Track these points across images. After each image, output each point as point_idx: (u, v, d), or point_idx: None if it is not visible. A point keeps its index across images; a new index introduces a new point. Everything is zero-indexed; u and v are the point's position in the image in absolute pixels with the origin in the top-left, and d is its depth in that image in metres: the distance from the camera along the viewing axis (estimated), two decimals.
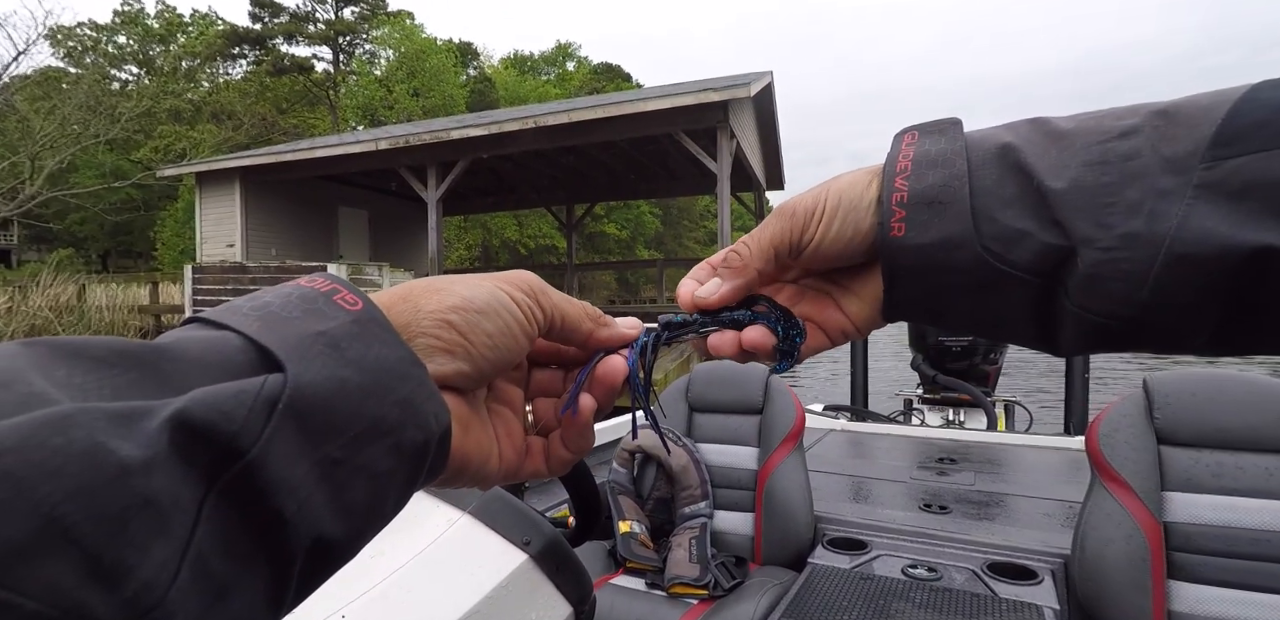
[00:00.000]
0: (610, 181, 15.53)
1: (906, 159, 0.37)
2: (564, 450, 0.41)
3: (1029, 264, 0.34)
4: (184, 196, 22.11)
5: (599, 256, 31.80)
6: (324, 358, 0.27)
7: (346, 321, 0.29)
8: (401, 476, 0.29)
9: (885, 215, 0.36)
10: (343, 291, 0.31)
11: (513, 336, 0.36)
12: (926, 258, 0.36)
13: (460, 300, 0.34)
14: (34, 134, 20.19)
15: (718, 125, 9.31)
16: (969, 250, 0.34)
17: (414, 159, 11.21)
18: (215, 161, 13.21)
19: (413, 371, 0.30)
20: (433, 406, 0.30)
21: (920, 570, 1.84)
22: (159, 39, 31.30)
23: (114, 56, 30.34)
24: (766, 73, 11.14)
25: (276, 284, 0.33)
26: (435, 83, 27.82)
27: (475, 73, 35.78)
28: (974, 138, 0.37)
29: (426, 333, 0.33)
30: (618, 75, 39.79)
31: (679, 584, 1.90)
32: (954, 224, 0.35)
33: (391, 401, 0.28)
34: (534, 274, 0.39)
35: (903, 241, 0.36)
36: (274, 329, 0.27)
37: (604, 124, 9.79)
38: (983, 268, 0.35)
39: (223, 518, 0.23)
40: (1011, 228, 0.34)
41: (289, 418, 0.24)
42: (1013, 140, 0.35)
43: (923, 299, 0.38)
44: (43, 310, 11.37)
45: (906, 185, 0.36)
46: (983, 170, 0.35)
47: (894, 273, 0.37)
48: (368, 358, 0.28)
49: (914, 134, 0.39)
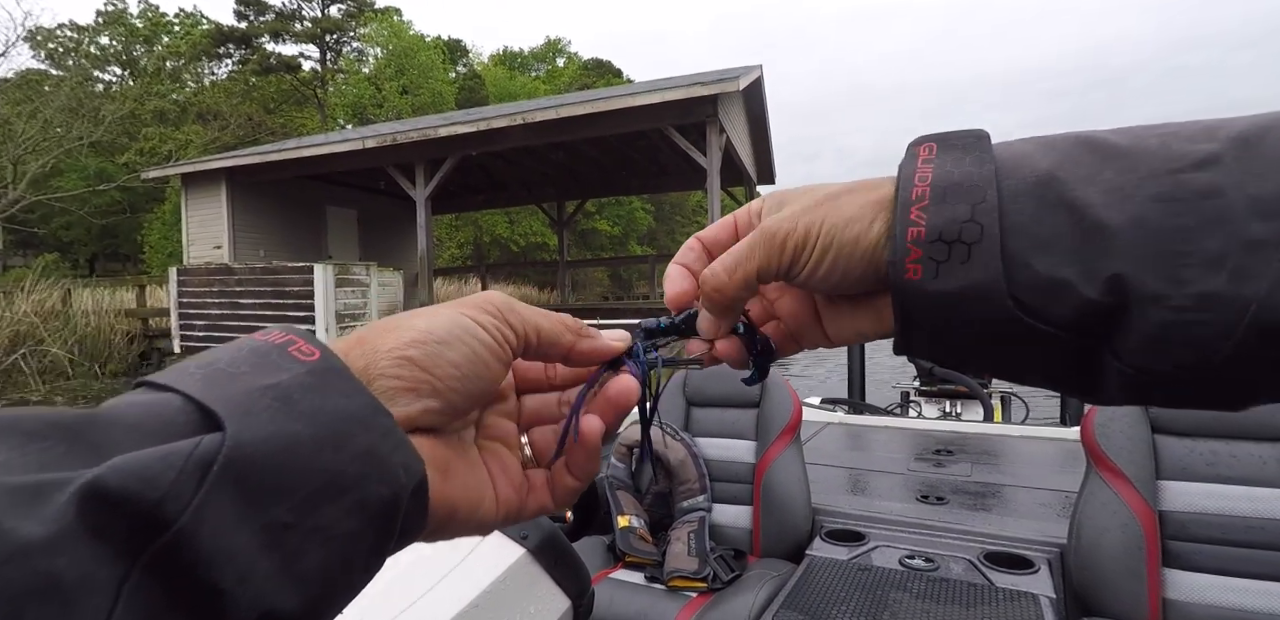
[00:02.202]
0: (601, 177, 15.50)
1: (924, 184, 0.31)
2: (570, 478, 0.38)
3: (1069, 322, 0.29)
4: (171, 198, 22.00)
5: (591, 253, 31.76)
6: (271, 412, 0.25)
7: (300, 373, 0.27)
8: (369, 538, 0.26)
9: (898, 253, 0.31)
10: (299, 342, 0.29)
11: (483, 363, 0.33)
12: (946, 307, 0.31)
13: (418, 333, 0.31)
14: (16, 137, 20.00)
15: (707, 120, 9.30)
16: (996, 302, 0.29)
17: (402, 157, 11.15)
18: (200, 162, 13.12)
19: (376, 420, 0.27)
20: (401, 456, 0.28)
21: (918, 561, 1.85)
22: (143, 39, 31.04)
23: (96, 58, 30.07)
24: (756, 67, 11.12)
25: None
26: (424, 80, 27.71)
27: (465, 70, 35.67)
28: (1006, 159, 0.31)
29: (385, 374, 0.30)
30: (608, 71, 39.68)
31: (678, 577, 1.90)
32: (980, 270, 0.29)
33: (351, 454, 0.26)
34: (501, 293, 0.36)
35: (920, 286, 0.31)
36: (218, 386, 0.25)
37: (593, 120, 9.77)
38: (1012, 323, 0.30)
39: (149, 597, 0.20)
40: (1049, 277, 0.28)
41: (227, 480, 0.22)
42: (1054, 167, 0.30)
43: (940, 347, 0.33)
44: (28, 316, 11.26)
45: (925, 219, 0.31)
46: (1016, 203, 0.30)
47: (908, 318, 0.32)
48: (323, 409, 0.26)
49: (931, 147, 0.33)
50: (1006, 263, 0.29)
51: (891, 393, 5.49)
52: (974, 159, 0.31)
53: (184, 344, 10.34)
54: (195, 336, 10.23)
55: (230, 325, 9.85)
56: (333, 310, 8.99)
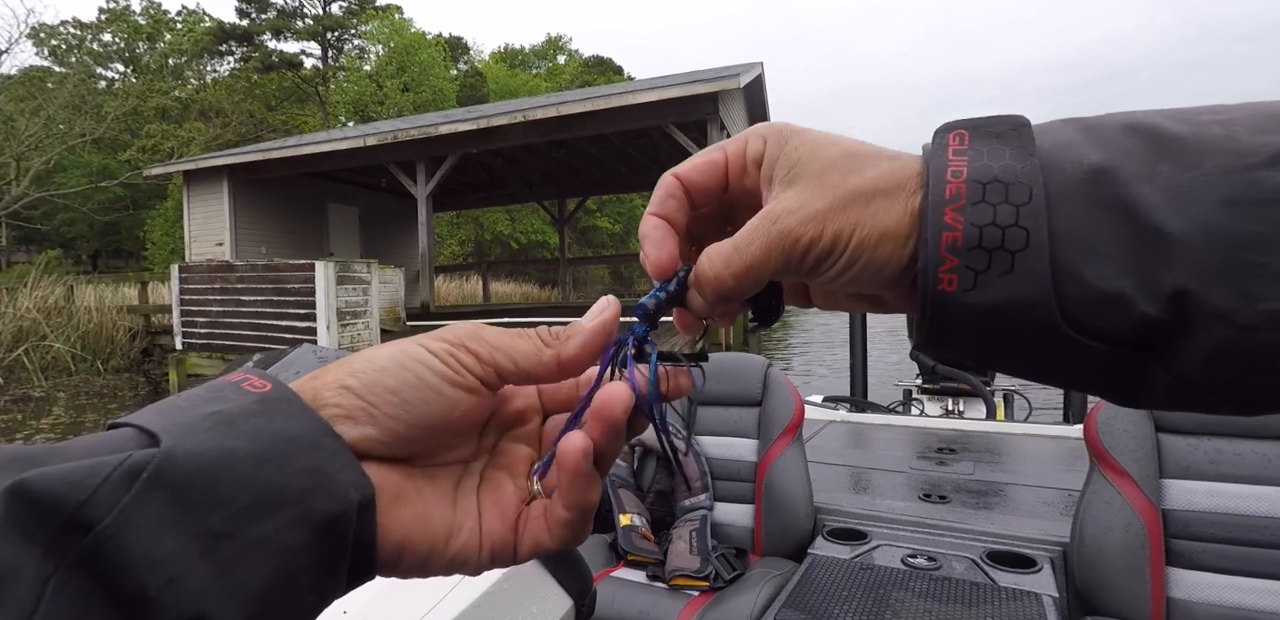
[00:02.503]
0: (601, 175, 15.50)
1: (958, 180, 0.28)
2: (560, 509, 0.33)
3: (1121, 337, 0.26)
4: (173, 195, 22.02)
5: (592, 251, 31.78)
6: (211, 431, 0.25)
7: (248, 401, 0.27)
8: (316, 554, 0.26)
9: (930, 261, 0.28)
10: (252, 378, 0.29)
11: (428, 388, 0.31)
12: (983, 321, 0.28)
13: (361, 363, 0.31)
14: (19, 134, 20.03)
15: (708, 117, 9.28)
16: (1042, 317, 0.26)
17: (402, 155, 11.15)
18: (202, 160, 13.12)
19: (323, 441, 0.27)
20: (349, 475, 0.27)
21: (920, 560, 1.84)
22: (146, 36, 31.02)
23: (99, 55, 30.07)
24: (757, 64, 11.12)
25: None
26: (425, 77, 27.74)
27: (466, 67, 35.65)
28: (1048, 150, 0.27)
29: (328, 403, 0.30)
30: (609, 68, 39.66)
31: (680, 576, 1.90)
32: (1025, 282, 0.26)
33: (296, 469, 0.26)
34: (472, 323, 0.34)
35: (955, 298, 0.28)
36: (166, 416, 0.26)
37: (593, 117, 9.76)
38: (1057, 336, 0.27)
39: (75, 593, 0.21)
40: (1102, 290, 0.25)
41: (156, 487, 0.23)
42: (1105, 159, 0.26)
43: (973, 355, 0.31)
44: (30, 312, 11.28)
45: (962, 223, 0.27)
46: (1065, 205, 0.26)
47: (938, 329, 0.29)
48: (267, 430, 0.26)
49: (963, 135, 0.29)
50: (1056, 274, 0.26)
51: (894, 390, 5.49)
52: (1015, 151, 0.28)
53: (185, 341, 10.34)
54: (197, 333, 10.22)
55: (231, 322, 9.85)
56: (334, 308, 8.99)
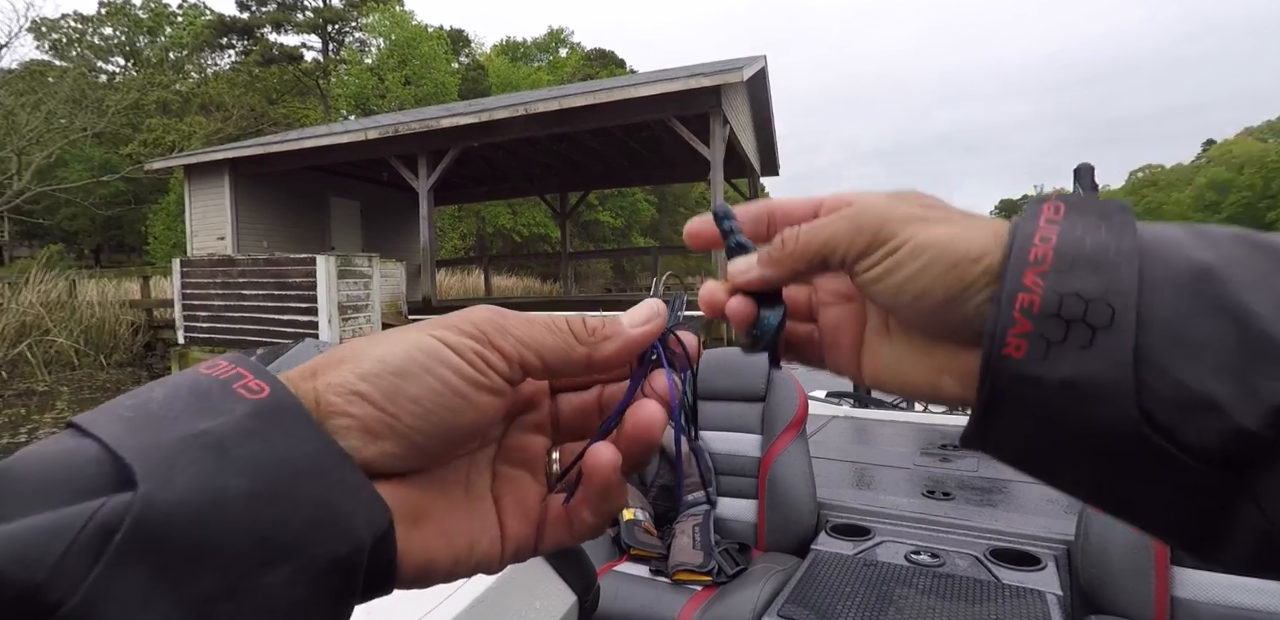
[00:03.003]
0: (603, 169, 15.46)
1: (1047, 244, 0.26)
2: (587, 514, 0.32)
3: (1208, 450, 0.23)
4: (175, 189, 22.02)
5: (594, 245, 31.75)
6: (199, 464, 0.22)
7: (241, 415, 0.23)
8: (323, 604, 0.23)
9: (1000, 322, 0.26)
10: (246, 377, 0.25)
11: (456, 395, 0.27)
12: (1049, 399, 0.25)
13: (372, 364, 0.27)
14: (20, 129, 20.00)
15: (710, 111, 9.24)
16: (1117, 406, 0.24)
17: (404, 148, 11.13)
18: (203, 154, 13.10)
19: (330, 466, 0.24)
20: (360, 507, 0.24)
21: (923, 556, 1.84)
22: (146, 30, 30.98)
23: (100, 48, 30.04)
24: (760, 57, 11.06)
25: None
26: (427, 71, 27.67)
27: (467, 60, 35.57)
28: (1150, 239, 0.26)
29: (336, 411, 0.26)
30: (611, 61, 39.54)
31: (683, 571, 1.89)
32: (1104, 362, 0.24)
33: (298, 508, 0.22)
34: (493, 307, 0.30)
35: (1020, 367, 0.25)
36: (141, 433, 0.22)
37: (595, 111, 9.72)
38: (1132, 437, 0.24)
39: None
40: (1194, 392, 0.23)
41: (133, 549, 0.20)
42: (1215, 259, 0.25)
43: (1027, 446, 0.27)
44: (33, 306, 11.30)
45: (1042, 287, 0.25)
46: (1161, 293, 0.24)
47: (995, 402, 0.26)
48: (265, 457, 0.23)
49: (1058, 207, 0.28)
50: (1140, 363, 0.24)
51: None
52: (1111, 229, 0.26)
53: (188, 335, 10.35)
54: (199, 328, 10.24)
55: (233, 316, 9.86)
56: (335, 302, 8.99)
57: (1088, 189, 2.17)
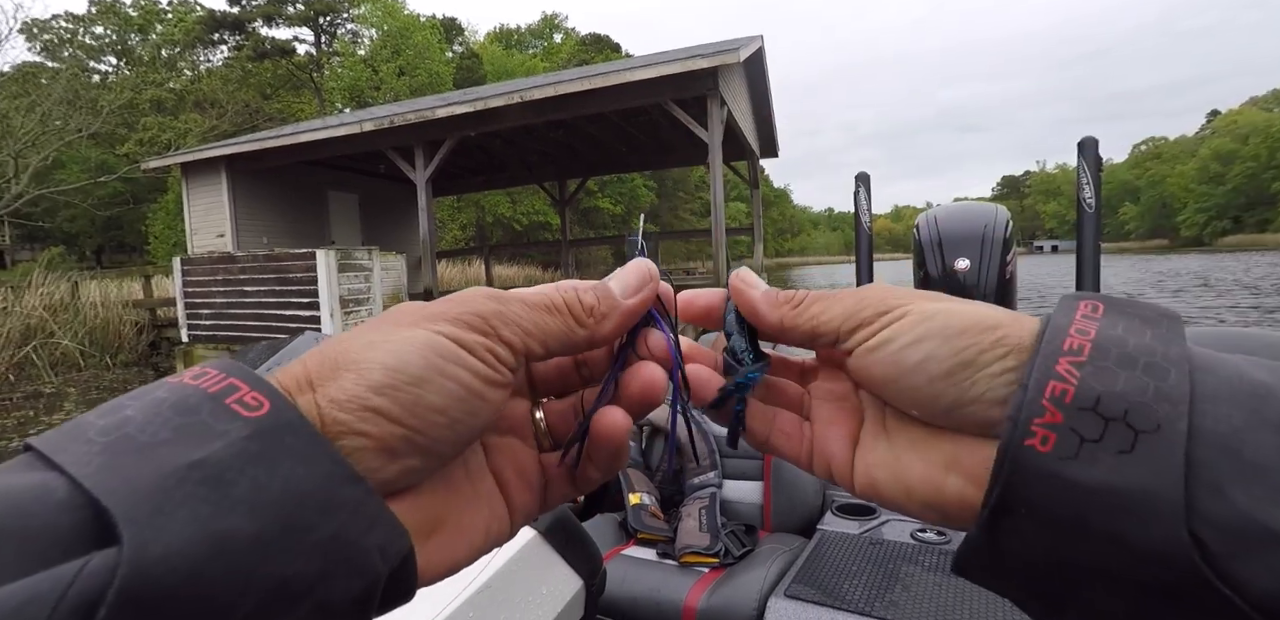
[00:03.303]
0: (601, 155, 15.39)
1: (1084, 337, 0.23)
2: (593, 471, 0.31)
3: (1269, 595, 0.19)
4: (173, 188, 22.02)
5: (594, 232, 31.70)
6: (194, 505, 0.18)
7: (239, 438, 0.20)
8: None
9: (1026, 409, 0.22)
10: (241, 390, 0.22)
11: (475, 396, 0.25)
12: (1077, 507, 0.21)
13: (385, 372, 0.23)
14: (15, 132, 19.97)
15: (708, 93, 9.17)
16: (1163, 527, 0.20)
17: (400, 140, 11.07)
18: (198, 151, 13.06)
19: (343, 493, 0.21)
20: (377, 538, 0.22)
21: (929, 534, 1.84)
22: (137, 28, 30.86)
23: (92, 48, 29.96)
24: (756, 37, 10.96)
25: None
26: (421, 61, 27.54)
27: (461, 49, 35.36)
28: (1199, 352, 0.23)
29: (348, 430, 0.23)
30: (606, 46, 39.27)
31: (690, 553, 1.90)
32: (1147, 472, 0.20)
33: (309, 548, 0.20)
34: (488, 290, 0.28)
35: (1046, 463, 0.22)
36: (120, 466, 0.19)
37: (591, 96, 9.66)
38: (1176, 567, 0.20)
39: None
40: (1256, 519, 0.19)
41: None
42: (1270, 380, 0.22)
43: (1040, 566, 0.23)
44: (37, 309, 11.32)
45: (1078, 377, 0.22)
46: (1215, 405, 0.21)
47: (1009, 502, 0.22)
48: (271, 491, 0.20)
49: (1096, 305, 0.25)
50: (1191, 476, 0.20)
51: None
52: (1158, 336, 0.23)
53: (191, 333, 10.38)
54: (202, 326, 10.26)
55: (235, 313, 9.87)
56: (337, 296, 8.99)
57: (1092, 163, 2.14)
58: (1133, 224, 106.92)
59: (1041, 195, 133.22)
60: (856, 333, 0.29)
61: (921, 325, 0.27)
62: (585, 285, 0.31)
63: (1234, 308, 14.01)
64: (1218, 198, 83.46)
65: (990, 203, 2.48)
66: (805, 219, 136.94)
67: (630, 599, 1.79)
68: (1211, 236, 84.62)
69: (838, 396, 0.33)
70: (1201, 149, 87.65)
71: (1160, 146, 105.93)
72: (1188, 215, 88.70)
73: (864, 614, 1.49)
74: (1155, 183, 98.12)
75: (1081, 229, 2.24)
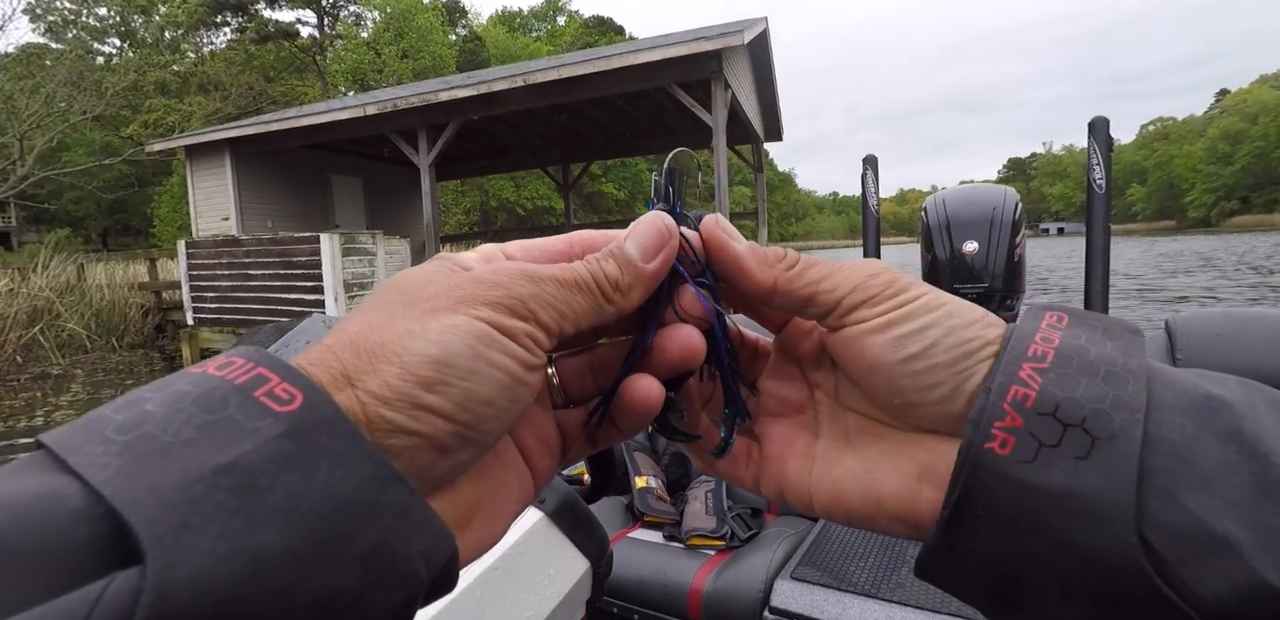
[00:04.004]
0: (605, 139, 15.31)
1: (1048, 344, 0.24)
2: (616, 434, 0.31)
3: (1216, 602, 0.20)
4: (178, 171, 22.02)
5: (598, 216, 31.65)
6: (225, 518, 0.17)
7: (271, 437, 0.18)
8: None
9: (987, 412, 0.23)
10: (271, 381, 0.20)
11: (520, 384, 0.24)
12: (1032, 510, 0.22)
13: (431, 365, 0.22)
14: (20, 113, 19.95)
15: (711, 76, 9.09)
16: (1113, 531, 0.21)
17: (403, 123, 11.02)
18: (202, 134, 13.03)
19: (385, 497, 0.19)
20: (421, 544, 0.20)
21: None
22: (140, 9, 30.66)
23: (95, 29, 29.81)
24: (761, 19, 10.84)
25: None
26: (424, 43, 27.36)
27: (464, 32, 35.12)
28: (1157, 366, 0.24)
29: (398, 427, 0.21)
30: (610, 28, 38.97)
31: (696, 536, 1.90)
32: (1101, 477, 0.21)
33: (350, 560, 0.18)
34: (520, 265, 0.26)
35: (1004, 466, 0.22)
36: (142, 470, 0.17)
37: (595, 79, 9.58)
38: (1126, 572, 0.20)
39: None
40: (1206, 524, 0.20)
41: None
42: (1224, 393, 0.23)
43: (996, 568, 0.23)
44: (44, 291, 11.36)
45: (1039, 383, 0.23)
46: (1170, 414, 0.22)
47: (968, 503, 0.23)
48: (307, 497, 0.18)
49: (1061, 316, 0.26)
50: (1144, 482, 0.21)
51: None
52: (1118, 345, 0.24)
53: (196, 316, 10.41)
54: (207, 309, 10.28)
55: (240, 296, 9.89)
56: (341, 279, 9.00)
57: (1102, 143, 2.12)
58: (1139, 206, 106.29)
59: (1048, 177, 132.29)
60: (861, 308, 0.27)
61: (933, 312, 0.26)
62: (603, 250, 0.28)
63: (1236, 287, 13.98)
64: (1226, 178, 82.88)
65: (999, 185, 2.45)
66: (809, 203, 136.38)
67: (636, 581, 1.80)
68: (1219, 217, 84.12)
69: (792, 408, 0.32)
70: (1210, 129, 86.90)
71: (1168, 127, 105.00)
72: (1195, 196, 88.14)
73: (870, 596, 1.49)
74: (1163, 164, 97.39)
75: (1091, 210, 2.22)
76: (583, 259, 0.28)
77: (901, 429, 0.28)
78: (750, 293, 0.30)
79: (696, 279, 0.30)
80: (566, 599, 1.07)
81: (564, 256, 0.30)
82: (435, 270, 0.26)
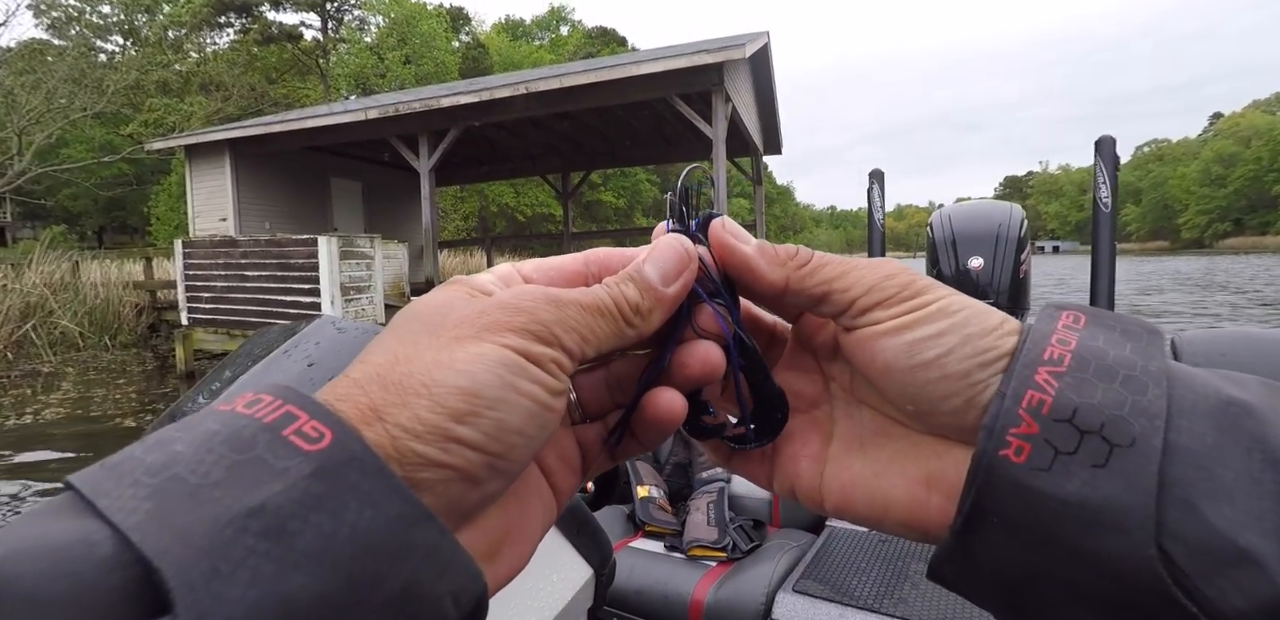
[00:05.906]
0: (605, 148, 15.34)
1: (1065, 347, 0.23)
2: (635, 447, 0.30)
3: (1239, 615, 0.19)
4: (177, 170, 21.99)
5: (596, 225, 31.68)
6: (256, 564, 0.16)
7: (300, 477, 0.18)
8: None
9: (1002, 418, 0.22)
10: (300, 419, 0.19)
11: (547, 410, 0.23)
12: (1048, 519, 0.21)
13: (460, 396, 0.21)
14: (20, 108, 19.92)
15: (712, 88, 9.12)
16: (1132, 542, 0.20)
17: (404, 128, 11.02)
18: (203, 134, 13.01)
19: (415, 537, 0.19)
20: (450, 584, 0.20)
21: None
22: (144, 8, 30.70)
23: (99, 27, 29.82)
24: (762, 33, 10.91)
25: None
26: (427, 49, 27.45)
27: (468, 39, 35.25)
28: (1178, 368, 0.23)
29: (430, 461, 0.21)
30: (613, 39, 39.17)
31: (697, 547, 1.89)
32: (1120, 486, 0.20)
33: (380, 604, 0.18)
34: (543, 289, 0.26)
35: (1019, 474, 0.22)
36: (171, 515, 0.17)
37: (596, 89, 9.61)
38: (1144, 584, 0.20)
39: None
40: (1226, 537, 0.19)
41: None
42: (1249, 399, 0.22)
43: (1011, 582, 0.23)
44: (37, 287, 11.30)
45: (1056, 388, 0.22)
46: (1191, 421, 0.21)
47: (981, 512, 0.22)
48: (336, 539, 0.18)
49: (1077, 316, 0.25)
50: (1164, 492, 0.20)
51: None
52: (1136, 346, 0.23)
53: (191, 316, 10.35)
54: (202, 309, 10.23)
55: (236, 297, 9.85)
56: (338, 283, 8.97)
57: (1109, 162, 2.13)
58: (1134, 225, 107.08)
59: (1044, 196, 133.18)
60: (875, 309, 0.27)
61: (950, 318, 0.25)
62: (622, 273, 0.28)
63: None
64: (1219, 200, 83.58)
65: (1005, 201, 2.46)
66: (807, 216, 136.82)
67: (637, 591, 1.78)
68: (1212, 239, 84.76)
69: (807, 402, 0.32)
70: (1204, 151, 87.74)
71: (1163, 148, 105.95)
72: (1189, 217, 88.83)
73: (873, 610, 1.48)
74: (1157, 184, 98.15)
75: (1097, 228, 2.23)
76: (602, 282, 0.28)
77: (916, 429, 0.28)
78: (763, 292, 0.30)
79: (713, 296, 0.30)
80: (569, 606, 1.06)
81: (580, 276, 0.30)
82: (454, 295, 0.26)
